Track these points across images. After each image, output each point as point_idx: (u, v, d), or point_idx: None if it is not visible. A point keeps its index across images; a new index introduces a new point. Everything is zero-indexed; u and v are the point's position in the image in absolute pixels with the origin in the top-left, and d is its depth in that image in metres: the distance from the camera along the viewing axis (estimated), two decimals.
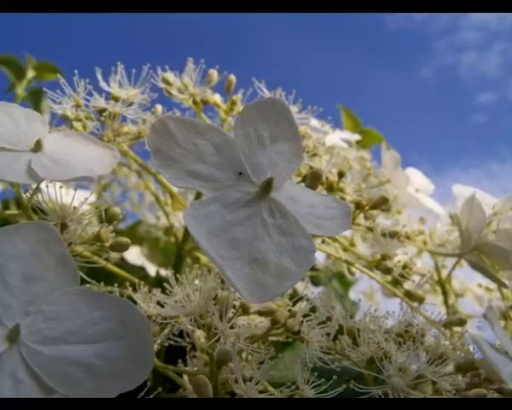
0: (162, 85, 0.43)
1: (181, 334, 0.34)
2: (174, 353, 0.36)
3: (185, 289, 0.32)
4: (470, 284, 0.60)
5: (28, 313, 0.23)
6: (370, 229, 0.42)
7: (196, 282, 0.33)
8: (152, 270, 0.67)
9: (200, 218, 0.25)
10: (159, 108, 0.45)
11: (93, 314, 0.23)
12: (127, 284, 0.36)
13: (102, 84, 0.40)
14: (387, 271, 0.39)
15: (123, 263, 0.63)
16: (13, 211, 0.32)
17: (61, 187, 0.31)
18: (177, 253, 0.45)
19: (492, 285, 0.54)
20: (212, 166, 0.27)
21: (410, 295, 0.39)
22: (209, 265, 0.39)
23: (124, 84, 0.40)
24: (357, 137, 0.67)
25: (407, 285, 0.40)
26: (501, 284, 0.42)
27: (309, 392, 0.28)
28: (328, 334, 0.33)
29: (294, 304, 0.34)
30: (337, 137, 0.60)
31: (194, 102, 0.43)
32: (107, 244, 0.31)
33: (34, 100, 0.89)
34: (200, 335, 0.35)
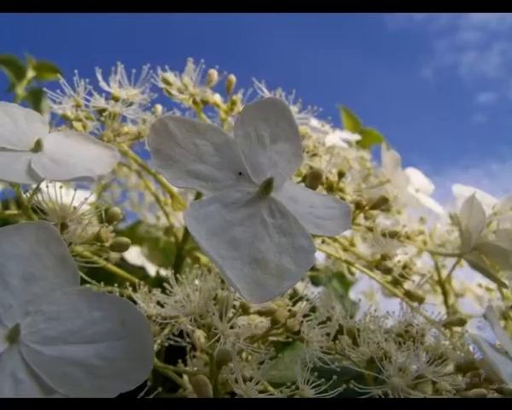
0: (162, 85, 0.43)
1: (181, 334, 0.34)
2: (174, 353, 0.36)
3: (185, 289, 0.32)
4: (470, 284, 0.60)
5: (28, 313, 0.23)
6: (370, 229, 0.42)
7: (196, 282, 0.33)
8: (152, 270, 0.67)
9: (200, 218, 0.25)
10: (159, 108, 0.45)
11: (93, 314, 0.23)
12: (127, 284, 0.36)
13: (102, 84, 0.40)
14: (387, 271, 0.39)
15: (123, 263, 0.63)
16: (13, 211, 0.32)
17: (61, 187, 0.31)
18: (177, 253, 0.45)
19: (492, 285, 0.54)
20: (212, 166, 0.27)
21: (410, 295, 0.39)
22: (209, 265, 0.39)
23: (124, 85, 0.40)
24: (357, 137, 0.67)
25: (407, 285, 0.40)
26: (501, 284, 0.42)
27: (309, 392, 0.28)
28: (328, 334, 0.33)
29: (294, 304, 0.34)
30: (337, 137, 0.60)
31: (194, 102, 0.43)
32: (107, 244, 0.31)
33: (34, 100, 0.89)
34: (200, 335, 0.35)
